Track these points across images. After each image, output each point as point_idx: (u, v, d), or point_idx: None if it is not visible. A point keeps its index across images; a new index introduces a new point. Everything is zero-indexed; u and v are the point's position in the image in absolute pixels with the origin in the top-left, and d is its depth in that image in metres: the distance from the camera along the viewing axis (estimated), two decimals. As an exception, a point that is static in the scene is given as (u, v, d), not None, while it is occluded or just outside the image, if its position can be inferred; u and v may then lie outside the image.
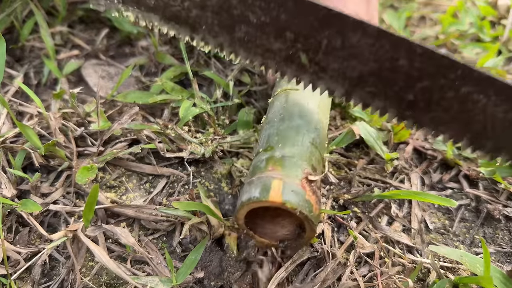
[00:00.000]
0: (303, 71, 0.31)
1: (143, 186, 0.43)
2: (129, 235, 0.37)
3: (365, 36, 0.28)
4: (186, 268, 0.34)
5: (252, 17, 0.30)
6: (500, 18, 0.67)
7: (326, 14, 0.28)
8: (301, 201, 0.28)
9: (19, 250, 0.36)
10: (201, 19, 0.32)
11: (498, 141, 0.28)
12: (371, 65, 0.28)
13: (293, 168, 0.30)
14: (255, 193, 0.29)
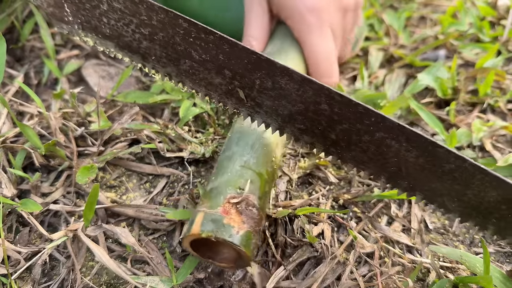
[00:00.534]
0: (242, 105, 0.34)
1: (143, 186, 0.43)
2: (129, 235, 0.37)
3: (291, 81, 0.31)
4: (186, 268, 0.34)
5: (194, 54, 0.33)
6: (499, 19, 0.67)
7: (256, 59, 0.31)
8: (216, 227, 0.30)
9: (19, 250, 0.36)
10: (150, 50, 0.34)
11: (413, 182, 0.31)
12: (298, 106, 0.32)
13: (216, 197, 0.33)
14: (185, 228, 0.33)
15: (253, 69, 0.31)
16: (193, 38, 0.32)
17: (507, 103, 0.54)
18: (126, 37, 0.35)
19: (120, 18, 0.34)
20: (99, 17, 0.35)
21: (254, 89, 0.32)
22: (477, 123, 0.49)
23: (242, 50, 0.31)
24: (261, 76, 0.31)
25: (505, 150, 0.48)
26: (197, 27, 0.32)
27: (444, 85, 0.53)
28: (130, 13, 0.33)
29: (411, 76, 0.58)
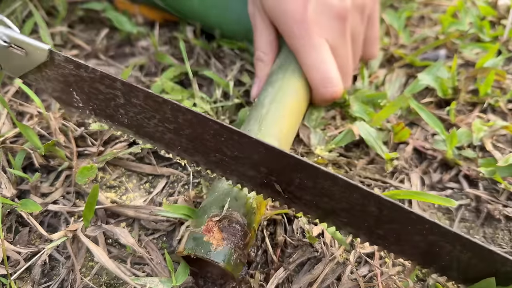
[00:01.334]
0: (278, 195, 0.33)
1: (143, 186, 0.43)
2: (129, 235, 0.37)
3: (335, 185, 0.30)
4: (184, 268, 0.34)
5: (226, 150, 0.32)
6: (500, 18, 0.67)
7: (296, 163, 0.30)
8: (196, 245, 0.31)
9: (19, 250, 0.36)
10: (175, 142, 0.34)
11: (464, 276, 0.31)
12: (343, 204, 0.30)
13: (201, 216, 0.34)
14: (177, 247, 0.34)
15: (292, 170, 0.30)
16: (225, 139, 0.31)
17: (508, 103, 0.54)
18: (147, 128, 0.34)
19: (141, 112, 0.33)
20: (115, 108, 0.34)
21: (293, 185, 0.31)
22: (478, 123, 0.49)
23: (280, 154, 0.30)
24: (301, 177, 0.30)
25: (505, 150, 0.48)
26: (229, 130, 0.30)
27: (445, 85, 0.53)
28: (152, 109, 0.32)
29: (411, 76, 0.57)
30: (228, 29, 0.58)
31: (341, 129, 0.48)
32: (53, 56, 0.34)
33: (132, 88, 0.32)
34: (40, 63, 0.34)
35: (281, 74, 0.45)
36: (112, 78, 0.33)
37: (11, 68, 0.36)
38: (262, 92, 0.44)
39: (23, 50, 0.34)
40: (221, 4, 0.57)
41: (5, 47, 0.34)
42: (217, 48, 0.60)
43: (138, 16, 0.64)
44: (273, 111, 0.41)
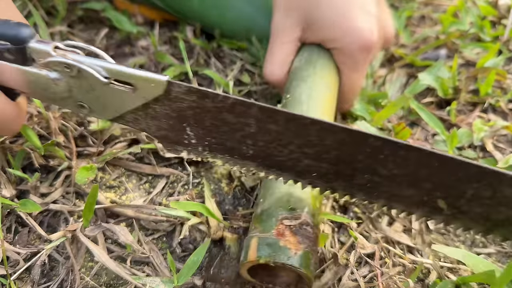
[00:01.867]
0: (437, 213, 0.30)
1: (142, 186, 0.43)
2: (128, 234, 0.37)
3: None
4: (187, 269, 0.34)
5: (381, 169, 0.29)
6: (500, 18, 0.67)
7: (478, 171, 0.27)
8: (273, 251, 0.29)
9: (18, 251, 0.36)
10: (312, 168, 0.30)
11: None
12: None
13: (268, 220, 0.32)
14: (242, 255, 0.32)
15: (468, 182, 0.28)
16: (385, 155, 0.28)
17: (508, 102, 0.54)
18: (277, 156, 0.31)
19: (275, 139, 0.30)
20: (240, 139, 0.31)
21: (463, 199, 0.28)
22: (478, 123, 0.49)
23: (459, 164, 0.27)
24: (478, 187, 0.28)
25: (506, 150, 0.48)
26: (394, 145, 0.28)
27: (445, 84, 0.53)
28: (292, 134, 0.29)
29: (412, 75, 0.57)
30: (228, 29, 0.58)
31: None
32: (170, 89, 0.30)
33: (272, 112, 0.29)
34: (150, 99, 0.30)
35: (311, 69, 0.43)
36: (247, 104, 0.29)
37: (104, 109, 0.32)
38: (295, 88, 0.42)
39: (129, 86, 0.30)
40: (220, 4, 0.56)
41: (104, 84, 0.30)
42: (217, 48, 0.60)
43: (137, 15, 0.64)
44: (313, 108, 0.39)
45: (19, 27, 0.30)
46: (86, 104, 0.32)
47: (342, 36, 0.43)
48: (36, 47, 0.31)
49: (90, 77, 0.30)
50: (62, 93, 0.32)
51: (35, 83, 0.32)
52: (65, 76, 0.31)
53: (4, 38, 0.31)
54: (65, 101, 0.33)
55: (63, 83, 0.32)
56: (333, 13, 0.43)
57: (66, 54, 0.30)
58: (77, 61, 0.30)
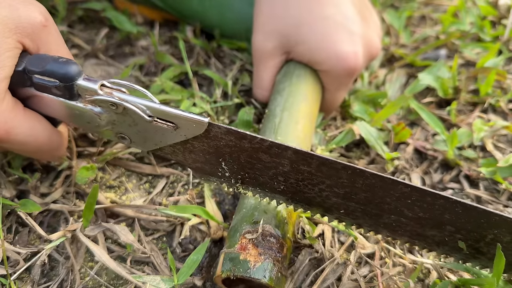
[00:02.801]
0: (456, 252, 0.32)
1: (142, 186, 0.43)
2: (129, 233, 0.37)
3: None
4: (187, 268, 0.34)
5: (407, 212, 0.30)
6: (500, 18, 0.67)
7: (499, 219, 0.29)
8: (234, 265, 0.31)
9: (18, 251, 0.36)
10: (340, 206, 0.32)
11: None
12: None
13: (234, 235, 0.33)
14: (214, 270, 0.33)
15: (489, 227, 0.29)
16: (412, 200, 0.30)
17: (508, 102, 0.54)
18: (307, 193, 0.32)
19: (306, 178, 0.31)
20: (273, 176, 0.32)
21: (482, 242, 0.30)
22: (478, 123, 0.49)
23: (481, 212, 0.29)
24: (497, 233, 0.29)
25: (506, 150, 0.48)
26: (422, 192, 0.29)
27: (445, 84, 0.53)
28: (323, 175, 0.31)
29: (412, 75, 0.57)
30: (227, 29, 0.58)
31: (342, 129, 0.48)
32: (210, 129, 0.31)
33: (306, 156, 0.30)
34: (190, 137, 0.32)
35: (288, 81, 0.44)
36: (283, 147, 0.30)
37: (145, 142, 0.34)
38: (272, 102, 0.43)
39: (171, 125, 0.32)
40: (220, 4, 0.56)
41: (148, 122, 0.32)
42: (217, 48, 0.60)
43: (138, 15, 0.64)
44: (286, 119, 0.40)
45: (68, 66, 0.32)
46: (127, 136, 0.34)
47: (327, 60, 0.43)
48: (83, 85, 0.32)
49: (134, 115, 0.32)
50: (105, 126, 0.34)
51: (79, 117, 0.34)
52: (109, 112, 0.33)
53: (53, 76, 0.32)
54: (107, 132, 0.35)
55: (106, 117, 0.33)
56: (316, 36, 0.42)
57: (112, 93, 0.32)
58: (123, 100, 0.31)
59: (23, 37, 0.32)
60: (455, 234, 0.31)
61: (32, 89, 0.34)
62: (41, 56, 0.33)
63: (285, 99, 0.42)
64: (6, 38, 0.31)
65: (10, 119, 0.32)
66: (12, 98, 0.33)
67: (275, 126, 0.39)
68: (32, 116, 0.34)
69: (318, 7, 0.43)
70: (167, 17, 0.64)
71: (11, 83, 0.32)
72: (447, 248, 0.32)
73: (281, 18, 0.44)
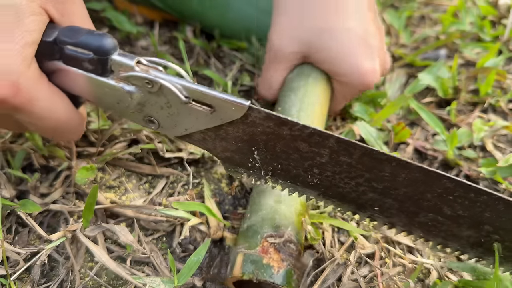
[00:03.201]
0: (490, 255, 0.31)
1: (142, 187, 0.43)
2: (128, 233, 0.37)
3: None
4: (188, 269, 0.34)
5: (446, 209, 0.29)
6: (500, 18, 0.67)
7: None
8: (257, 268, 0.30)
9: (18, 251, 0.36)
10: (375, 202, 0.31)
11: None
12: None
13: (254, 236, 0.32)
14: (228, 269, 0.33)
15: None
16: (454, 197, 0.29)
17: (508, 102, 0.54)
18: (341, 188, 0.31)
19: (344, 171, 0.30)
20: (307, 168, 0.30)
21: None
22: (478, 122, 0.49)
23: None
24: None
25: (506, 150, 0.48)
26: (467, 188, 0.28)
27: (445, 84, 0.53)
28: (364, 168, 0.29)
29: (412, 75, 0.57)
30: (227, 29, 0.58)
31: (342, 129, 0.48)
32: (249, 113, 0.29)
33: (349, 145, 0.29)
34: (226, 122, 0.30)
35: (303, 81, 0.44)
36: (325, 135, 0.29)
37: (174, 127, 0.32)
38: (284, 99, 0.43)
39: (208, 108, 0.29)
40: (220, 4, 0.56)
41: (183, 103, 0.30)
42: (217, 48, 0.60)
43: (137, 15, 0.64)
44: (303, 120, 0.40)
45: (104, 38, 0.30)
46: (156, 120, 0.32)
47: (348, 73, 0.43)
48: (118, 60, 0.30)
49: (170, 95, 0.30)
50: (134, 107, 0.32)
51: (109, 95, 0.32)
52: (143, 91, 0.31)
53: (88, 48, 0.30)
54: (135, 115, 0.33)
55: (138, 97, 0.31)
56: (338, 45, 0.42)
57: (149, 70, 0.30)
58: (160, 78, 0.30)
59: (47, 4, 0.30)
60: (493, 234, 0.30)
61: (60, 63, 0.31)
62: (74, 28, 0.31)
63: (300, 99, 0.42)
64: (30, 2, 0.29)
65: (34, 88, 0.30)
66: (38, 68, 0.31)
67: None
68: (56, 91, 0.32)
69: (341, 18, 0.43)
70: (167, 17, 0.64)
71: (38, 54, 0.30)
72: (481, 250, 0.31)
73: (305, 25, 0.43)
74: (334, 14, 0.43)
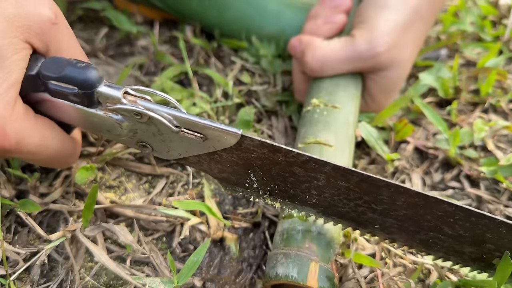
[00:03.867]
0: (491, 269, 0.31)
1: (142, 186, 0.43)
2: (128, 234, 0.37)
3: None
4: (187, 270, 0.34)
5: (447, 230, 0.29)
6: (501, 18, 0.67)
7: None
8: (331, 286, 0.31)
9: (18, 251, 0.36)
10: (375, 221, 0.31)
11: None
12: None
13: (327, 249, 0.32)
14: (293, 272, 0.31)
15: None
16: (454, 220, 0.29)
17: (509, 102, 0.53)
18: (340, 208, 0.31)
19: (342, 193, 0.30)
20: (305, 190, 0.31)
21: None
22: (479, 122, 0.49)
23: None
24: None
25: (507, 149, 0.48)
26: (468, 212, 0.28)
27: (446, 84, 0.53)
28: (361, 191, 0.29)
29: (413, 75, 0.57)
30: (227, 29, 0.58)
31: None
32: (242, 141, 0.29)
33: (346, 172, 0.29)
34: (219, 149, 0.30)
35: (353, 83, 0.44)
36: (321, 163, 0.29)
37: (168, 152, 0.32)
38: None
39: (200, 135, 0.29)
40: (219, 5, 0.56)
41: (174, 132, 0.30)
42: (217, 48, 0.60)
43: (137, 15, 0.64)
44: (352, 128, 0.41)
45: (88, 71, 0.29)
46: (149, 145, 0.32)
47: (395, 65, 0.42)
48: (105, 93, 0.29)
49: (160, 125, 0.30)
50: (126, 134, 0.32)
51: (98, 125, 0.32)
52: (132, 121, 0.30)
53: (71, 82, 0.29)
54: (127, 140, 0.32)
55: (128, 126, 0.31)
56: (402, 61, 0.42)
57: (137, 101, 0.30)
58: (149, 109, 0.29)
59: (31, 37, 0.29)
60: (495, 252, 0.30)
61: (46, 94, 0.31)
62: (57, 60, 0.30)
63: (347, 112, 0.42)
64: (13, 38, 0.28)
65: (21, 129, 0.29)
66: (23, 105, 0.30)
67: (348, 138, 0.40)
68: (44, 123, 0.32)
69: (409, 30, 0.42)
70: (167, 17, 0.63)
71: (22, 88, 0.29)
72: (483, 265, 0.31)
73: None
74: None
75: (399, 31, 0.41)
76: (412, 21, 0.42)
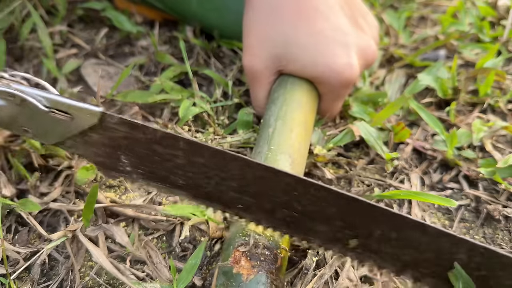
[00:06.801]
0: (349, 250, 0.31)
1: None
2: (124, 234, 0.37)
3: (424, 235, 0.29)
4: (186, 274, 0.34)
5: (297, 205, 0.30)
6: (500, 19, 0.67)
7: (381, 213, 0.29)
8: (227, 279, 0.31)
9: (18, 250, 0.36)
10: (237, 200, 0.32)
11: None
12: (428, 254, 0.30)
13: (227, 249, 0.33)
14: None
15: (375, 222, 0.29)
16: (298, 193, 0.30)
17: (508, 103, 0.54)
18: (206, 187, 0.32)
19: (202, 171, 0.31)
20: (171, 169, 0.32)
21: (372, 238, 0.30)
22: (477, 123, 0.49)
23: (364, 206, 0.29)
24: (384, 228, 0.29)
25: (505, 150, 0.48)
26: (305, 183, 0.29)
27: (445, 85, 0.53)
28: (216, 167, 0.30)
29: (411, 76, 0.57)
30: (227, 30, 0.58)
31: (341, 128, 0.48)
32: (104, 119, 0.31)
33: (198, 146, 0.30)
34: (86, 128, 0.32)
35: (282, 89, 0.43)
36: (174, 137, 0.30)
37: (46, 135, 0.33)
38: (267, 112, 0.42)
39: (67, 115, 0.32)
40: (219, 6, 0.56)
41: (44, 113, 0.32)
42: (217, 48, 0.60)
43: (137, 15, 0.64)
44: (279, 128, 0.39)
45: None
46: (29, 130, 0.34)
47: (321, 74, 0.42)
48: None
49: (32, 106, 0.32)
50: (7, 119, 0.33)
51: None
52: (10, 104, 0.32)
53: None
54: (10, 125, 0.34)
55: (7, 110, 0.33)
56: (307, 52, 0.42)
57: (10, 84, 0.32)
58: (20, 91, 0.31)
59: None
60: (344, 230, 0.30)
61: None
62: None
63: (279, 107, 0.42)
64: None
65: None
66: None
67: (268, 136, 0.39)
68: None
69: (306, 23, 0.42)
70: (167, 17, 0.64)
71: None
72: (340, 246, 0.31)
73: (269, 38, 0.43)
74: (298, 21, 0.42)
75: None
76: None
